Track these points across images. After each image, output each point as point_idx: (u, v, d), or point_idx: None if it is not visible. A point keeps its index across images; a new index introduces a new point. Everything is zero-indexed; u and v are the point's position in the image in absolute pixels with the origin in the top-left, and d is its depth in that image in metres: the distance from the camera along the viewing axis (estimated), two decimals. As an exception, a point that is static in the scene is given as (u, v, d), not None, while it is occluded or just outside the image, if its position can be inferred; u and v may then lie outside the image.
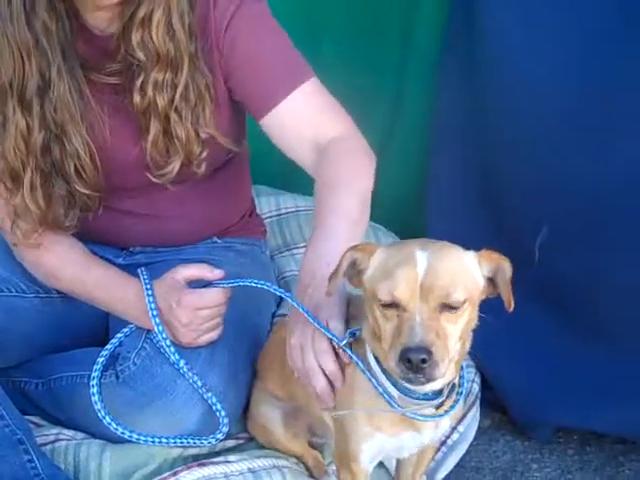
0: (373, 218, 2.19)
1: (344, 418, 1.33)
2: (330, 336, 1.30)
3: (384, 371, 1.26)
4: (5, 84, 1.45)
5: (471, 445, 1.81)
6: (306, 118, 1.59)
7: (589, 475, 1.76)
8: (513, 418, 1.88)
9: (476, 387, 1.89)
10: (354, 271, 1.24)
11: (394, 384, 1.25)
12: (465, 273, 1.19)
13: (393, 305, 1.16)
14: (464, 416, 1.82)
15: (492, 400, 1.90)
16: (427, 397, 1.26)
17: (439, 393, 1.26)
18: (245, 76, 1.58)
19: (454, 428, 1.80)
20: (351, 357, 1.29)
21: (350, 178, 1.50)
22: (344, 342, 1.29)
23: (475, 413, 1.85)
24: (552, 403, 1.80)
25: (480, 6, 1.80)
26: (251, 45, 1.56)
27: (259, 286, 1.51)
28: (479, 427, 1.85)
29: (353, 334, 1.31)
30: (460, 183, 1.97)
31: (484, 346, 1.27)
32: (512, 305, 1.19)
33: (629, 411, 1.71)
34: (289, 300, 1.40)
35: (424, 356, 1.11)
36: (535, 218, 1.69)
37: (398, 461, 1.56)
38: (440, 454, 1.75)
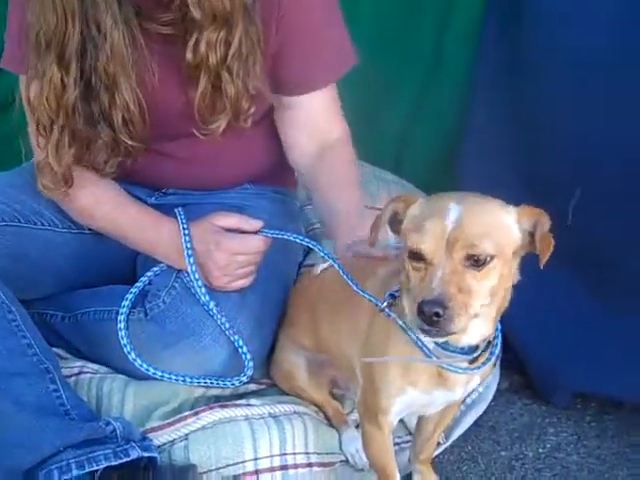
0: (406, 178, 2.22)
1: (376, 371, 1.33)
2: (370, 299, 1.32)
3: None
4: (42, 40, 1.44)
5: (489, 406, 1.82)
6: (326, 111, 1.67)
7: (606, 442, 1.77)
8: (532, 381, 1.89)
9: (497, 348, 1.89)
10: (396, 220, 1.25)
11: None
12: (498, 228, 1.18)
13: (421, 257, 1.16)
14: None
15: (512, 362, 1.90)
16: (463, 351, 1.26)
17: (475, 348, 1.26)
18: (296, 50, 1.59)
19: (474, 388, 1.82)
20: (389, 315, 1.29)
21: (357, 182, 1.64)
22: (384, 305, 1.30)
23: (495, 373, 1.85)
24: (571, 368, 1.81)
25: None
26: (312, 21, 1.57)
27: (304, 243, 1.56)
28: (498, 388, 1.85)
29: (393, 296, 1.31)
30: (496, 142, 1.96)
31: (507, 307, 1.26)
32: (545, 260, 1.17)
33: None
34: (331, 261, 1.44)
35: (437, 309, 1.12)
36: (569, 181, 1.68)
37: (420, 417, 1.57)
38: (458, 412, 1.75)
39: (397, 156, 2.35)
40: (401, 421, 1.66)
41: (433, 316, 1.12)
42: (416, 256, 1.16)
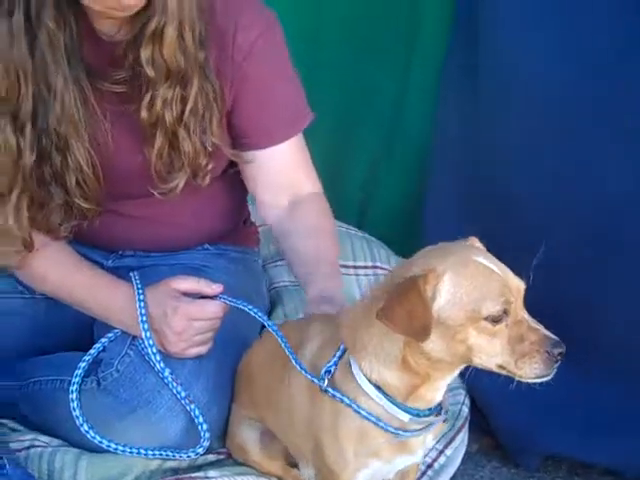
0: (369, 231, 2.20)
1: (330, 451, 1.30)
2: (309, 377, 1.29)
3: (389, 398, 1.24)
4: None
5: (457, 469, 1.77)
6: (292, 166, 1.65)
7: (577, 505, 1.74)
8: (502, 444, 1.85)
9: (465, 410, 1.85)
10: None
11: (403, 408, 1.24)
12: None
13: (503, 317, 1.15)
14: (452, 439, 1.79)
15: (481, 424, 1.87)
16: (432, 411, 1.27)
17: (439, 405, 1.27)
18: (250, 106, 1.58)
19: (441, 451, 1.77)
20: (334, 395, 1.27)
21: (331, 232, 1.67)
22: (325, 384, 1.28)
23: (463, 437, 1.81)
24: (542, 431, 1.77)
25: (482, 16, 1.81)
26: (265, 77, 1.56)
27: (250, 312, 1.51)
28: (467, 451, 1.81)
29: (329, 371, 1.28)
30: (456, 196, 1.95)
31: (476, 369, 1.24)
32: None
33: (618, 442, 1.69)
34: (273, 332, 1.42)
35: (563, 348, 1.17)
36: (532, 236, 1.67)
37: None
38: (426, 478, 1.71)
39: (360, 210, 2.34)
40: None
41: (559, 356, 1.16)
42: (498, 317, 1.15)
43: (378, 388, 1.24)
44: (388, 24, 2.16)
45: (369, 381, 1.24)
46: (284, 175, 1.65)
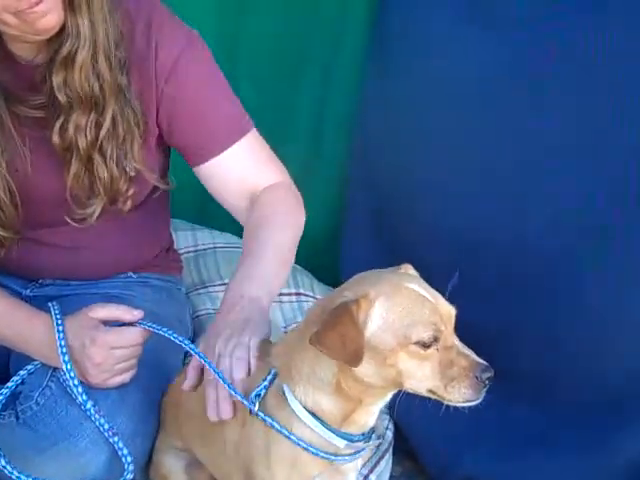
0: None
1: (259, 477, 1.29)
2: (240, 399, 1.28)
3: (324, 424, 1.25)
4: None
5: (382, 494, 1.79)
6: (244, 170, 1.62)
7: (499, 527, 1.78)
8: (424, 467, 1.87)
9: (389, 434, 1.88)
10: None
11: (338, 434, 1.26)
12: None
13: (433, 342, 1.17)
14: (376, 464, 1.81)
15: (404, 448, 1.89)
16: (364, 436, 1.28)
17: (372, 429, 1.29)
18: (186, 123, 1.57)
19: (366, 476, 1.78)
20: (267, 421, 1.26)
21: (281, 220, 1.56)
22: (256, 408, 1.27)
23: (388, 461, 1.83)
24: (462, 454, 1.80)
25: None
26: (194, 93, 1.55)
27: (170, 337, 1.45)
28: (391, 474, 1.83)
29: (258, 395, 1.28)
30: (373, 230, 1.99)
31: (398, 394, 1.27)
32: None
33: (536, 465, 1.73)
34: (196, 355, 1.37)
35: (491, 373, 1.20)
36: (448, 266, 1.71)
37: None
38: (351, 503, 1.72)
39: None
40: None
41: (487, 380, 1.19)
42: (425, 344, 1.17)
43: (313, 415, 1.25)
44: (309, 43, 2.18)
45: (305, 407, 1.25)
46: (237, 180, 1.62)
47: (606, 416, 1.64)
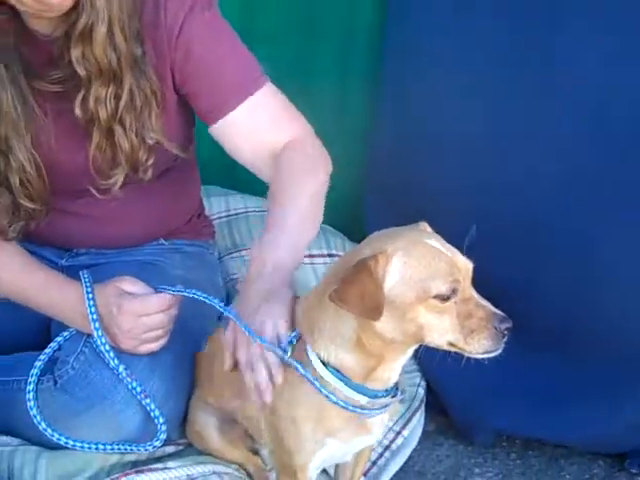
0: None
1: (286, 431, 1.32)
2: (271, 348, 1.29)
3: (347, 381, 1.27)
4: None
5: (414, 449, 1.81)
6: (259, 126, 1.59)
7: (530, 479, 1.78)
8: (455, 422, 1.88)
9: (421, 392, 1.90)
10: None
11: (360, 390, 1.27)
12: None
13: (452, 295, 1.19)
14: (409, 420, 1.83)
15: (436, 404, 1.90)
16: (388, 392, 1.30)
17: (396, 385, 1.30)
18: (198, 83, 1.57)
19: (398, 432, 1.81)
20: (299, 370, 1.27)
21: (304, 177, 1.53)
22: (288, 355, 1.28)
23: (420, 418, 1.85)
24: (491, 409, 1.81)
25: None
26: (204, 51, 1.54)
27: (201, 299, 1.46)
28: (424, 430, 1.85)
29: (291, 342, 1.30)
30: (396, 185, 1.98)
31: (427, 350, 1.28)
32: None
33: (564, 417, 1.73)
34: (230, 316, 1.36)
35: (510, 323, 1.20)
36: (464, 220, 1.71)
37: (337, 465, 1.56)
38: (383, 459, 1.75)
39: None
40: (324, 470, 1.64)
41: (506, 331, 1.20)
42: (444, 297, 1.19)
43: (337, 371, 1.27)
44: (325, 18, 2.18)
45: (328, 365, 1.26)
46: (256, 134, 1.60)
47: (635, 371, 1.63)
